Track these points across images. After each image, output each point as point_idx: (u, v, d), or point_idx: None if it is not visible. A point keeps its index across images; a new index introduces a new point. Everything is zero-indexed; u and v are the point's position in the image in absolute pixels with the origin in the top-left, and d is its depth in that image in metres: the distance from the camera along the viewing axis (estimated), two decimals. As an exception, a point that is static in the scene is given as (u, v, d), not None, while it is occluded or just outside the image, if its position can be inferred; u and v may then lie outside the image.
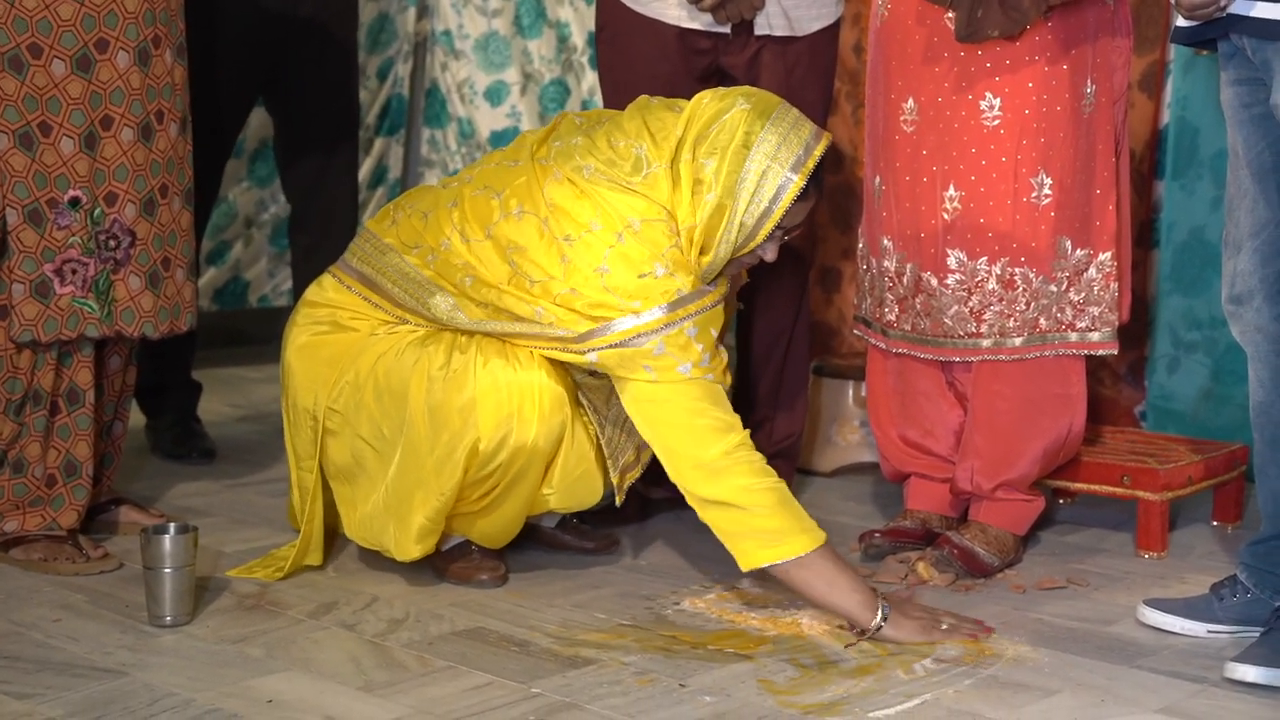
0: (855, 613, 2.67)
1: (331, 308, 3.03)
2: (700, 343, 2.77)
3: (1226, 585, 2.75)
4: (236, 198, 5.44)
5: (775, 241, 2.84)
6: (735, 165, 2.75)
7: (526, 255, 2.82)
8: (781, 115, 2.80)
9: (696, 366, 2.76)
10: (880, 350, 3.28)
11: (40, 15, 2.93)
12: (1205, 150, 3.87)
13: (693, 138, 2.80)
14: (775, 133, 2.77)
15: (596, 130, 2.92)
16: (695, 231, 2.80)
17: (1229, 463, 3.45)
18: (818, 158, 2.77)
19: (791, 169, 2.75)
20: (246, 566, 3.07)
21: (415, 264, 2.93)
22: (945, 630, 2.68)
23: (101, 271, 3.03)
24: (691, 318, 2.77)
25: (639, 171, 2.82)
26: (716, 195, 2.76)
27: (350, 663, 2.55)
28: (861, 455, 4.00)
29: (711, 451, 2.73)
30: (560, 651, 2.62)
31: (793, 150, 2.76)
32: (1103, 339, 3.07)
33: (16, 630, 2.68)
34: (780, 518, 2.69)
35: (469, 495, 2.90)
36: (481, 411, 2.81)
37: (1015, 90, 2.99)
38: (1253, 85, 2.59)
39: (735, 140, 2.76)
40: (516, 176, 2.90)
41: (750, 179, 2.75)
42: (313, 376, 2.98)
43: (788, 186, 2.75)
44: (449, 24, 5.74)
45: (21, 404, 3.06)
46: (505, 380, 2.82)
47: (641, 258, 2.76)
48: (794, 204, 2.77)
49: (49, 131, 2.97)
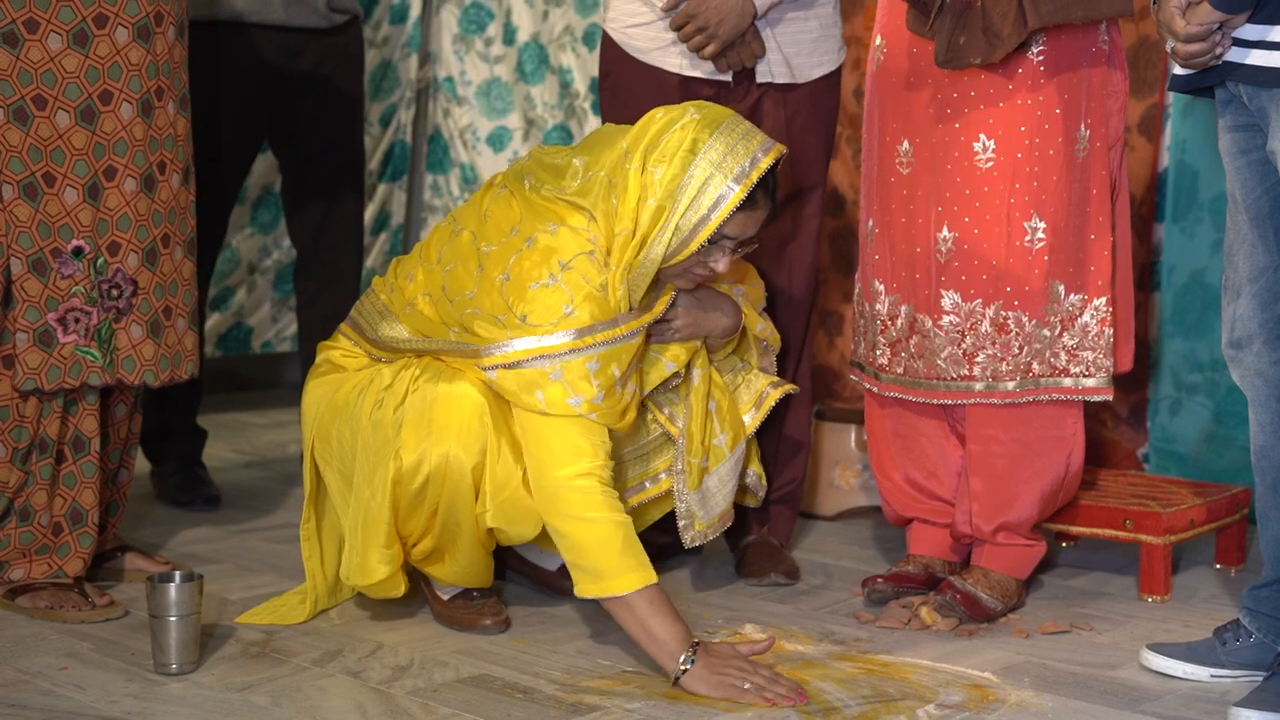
0: (659, 660, 2.69)
1: (330, 350, 3.11)
2: (598, 379, 2.78)
3: (1230, 629, 2.75)
4: (240, 244, 5.46)
5: (725, 253, 2.84)
6: (679, 170, 2.77)
7: (454, 272, 2.89)
8: (731, 126, 2.82)
9: (588, 403, 2.78)
10: (876, 394, 3.29)
11: (45, 67, 2.96)
12: (1205, 193, 3.88)
13: (643, 147, 2.81)
14: (723, 142, 2.78)
15: (556, 151, 2.98)
16: (633, 237, 2.80)
17: (1231, 506, 3.45)
18: (764, 169, 2.78)
19: (735, 179, 2.76)
20: (255, 611, 3.08)
21: (384, 300, 3.04)
22: (746, 690, 2.60)
23: (104, 320, 3.05)
24: (596, 349, 2.78)
25: (575, 178, 2.87)
26: (658, 199, 2.78)
27: (355, 710, 2.55)
28: (864, 499, 4.00)
29: (557, 473, 2.76)
30: (564, 698, 2.62)
31: (738, 160, 2.77)
32: (1097, 384, 3.07)
33: (23, 678, 2.69)
34: (604, 557, 2.72)
35: (414, 523, 2.91)
36: (407, 424, 2.85)
37: (1008, 133, 3.01)
38: (1250, 131, 2.61)
39: (682, 147, 2.78)
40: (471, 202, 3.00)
41: (692, 185, 2.76)
42: (310, 415, 3.04)
43: (728, 196, 2.76)
44: (451, 71, 5.77)
45: (28, 452, 3.07)
46: (430, 395, 2.85)
47: (539, 267, 2.79)
48: (737, 214, 2.78)
49: (53, 182, 2.99)
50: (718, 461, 3.06)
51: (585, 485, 2.75)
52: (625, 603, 2.69)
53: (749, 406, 3.15)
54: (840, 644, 2.93)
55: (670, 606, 2.72)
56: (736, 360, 3.18)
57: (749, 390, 3.17)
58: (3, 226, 2.96)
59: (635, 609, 2.69)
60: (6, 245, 2.97)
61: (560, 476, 2.76)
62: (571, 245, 2.80)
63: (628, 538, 2.74)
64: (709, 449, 3.05)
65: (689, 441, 3.01)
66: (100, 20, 3.00)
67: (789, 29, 3.31)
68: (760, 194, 2.80)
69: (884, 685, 2.69)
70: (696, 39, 3.23)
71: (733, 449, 3.08)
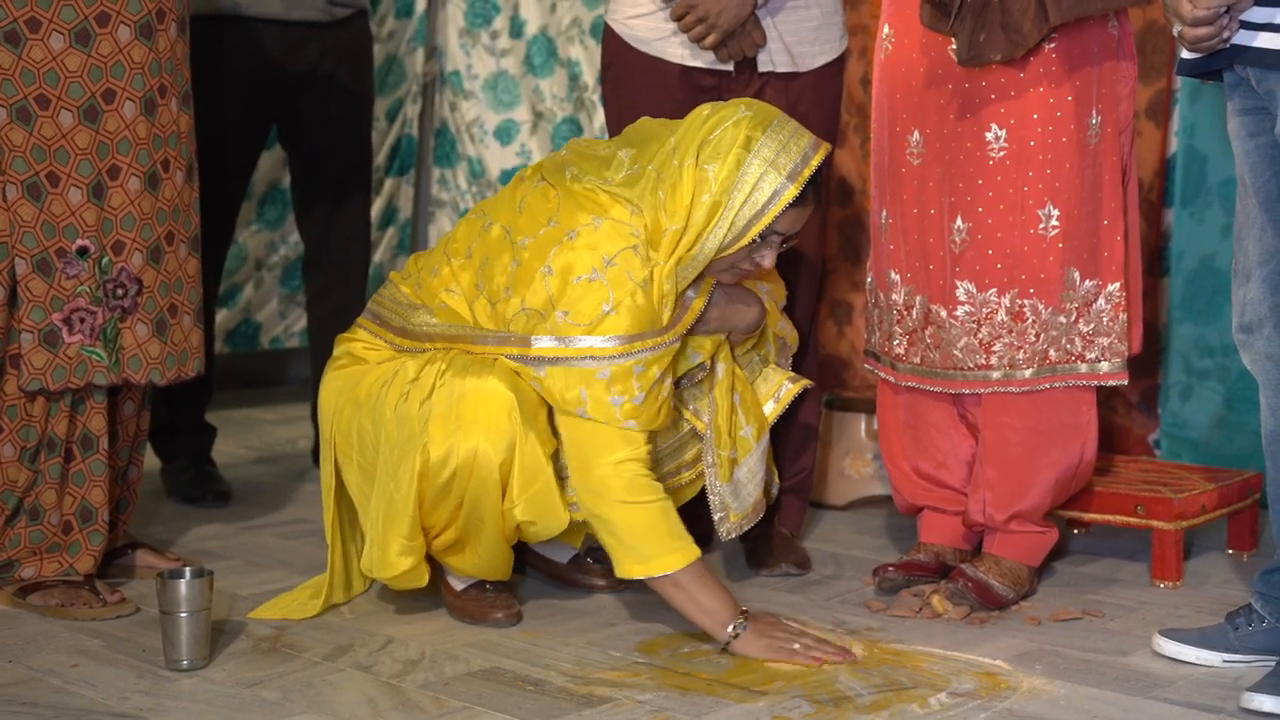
0: (710, 630, 2.81)
1: (350, 342, 3.10)
2: (639, 381, 2.81)
3: (1242, 614, 2.74)
4: (247, 240, 5.46)
5: (772, 248, 2.90)
6: (734, 166, 2.81)
7: (489, 269, 2.89)
8: (781, 124, 2.87)
9: (629, 403, 2.80)
10: (890, 384, 3.28)
11: (48, 66, 2.96)
12: (1214, 178, 3.87)
13: (697, 143, 2.83)
14: (775, 140, 2.83)
15: (596, 143, 2.99)
16: (683, 234, 2.82)
17: (1243, 490, 3.44)
18: (815, 166, 2.83)
19: (788, 176, 2.81)
20: (266, 607, 3.09)
21: (407, 292, 3.04)
22: (795, 650, 2.75)
23: (109, 320, 3.05)
24: (644, 355, 2.81)
25: (620, 170, 2.88)
26: (713, 194, 2.81)
27: (366, 704, 2.55)
28: (874, 488, 4.00)
29: (602, 460, 2.81)
30: (575, 690, 2.62)
31: (791, 158, 2.82)
32: (1112, 369, 3.07)
33: (34, 676, 2.69)
34: (652, 539, 2.81)
35: (439, 515, 2.90)
36: (434, 418, 2.85)
37: (1021, 121, 3.00)
38: (1258, 115, 2.60)
39: (736, 144, 2.81)
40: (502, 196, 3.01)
41: (748, 181, 2.80)
42: (329, 409, 3.04)
43: (782, 192, 2.80)
44: (457, 65, 5.77)
45: (36, 451, 3.07)
46: (459, 389, 2.85)
47: (583, 262, 2.80)
48: (789, 210, 2.83)
49: (57, 182, 2.99)
50: (746, 452, 3.07)
51: (631, 470, 2.81)
52: (673, 580, 2.80)
53: (767, 398, 3.17)
54: (852, 633, 2.93)
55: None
56: (754, 356, 3.18)
57: (766, 384, 3.18)
58: (7, 226, 2.96)
59: (683, 584, 2.81)
60: (11, 245, 2.97)
61: (606, 464, 2.81)
62: (616, 240, 2.81)
63: (672, 517, 2.84)
64: (736, 440, 3.06)
65: (717, 435, 3.02)
66: (102, 19, 2.99)
67: (790, 18, 3.31)
68: (810, 191, 2.85)
69: (896, 674, 2.68)
70: (697, 29, 3.22)
71: (759, 439, 3.10)
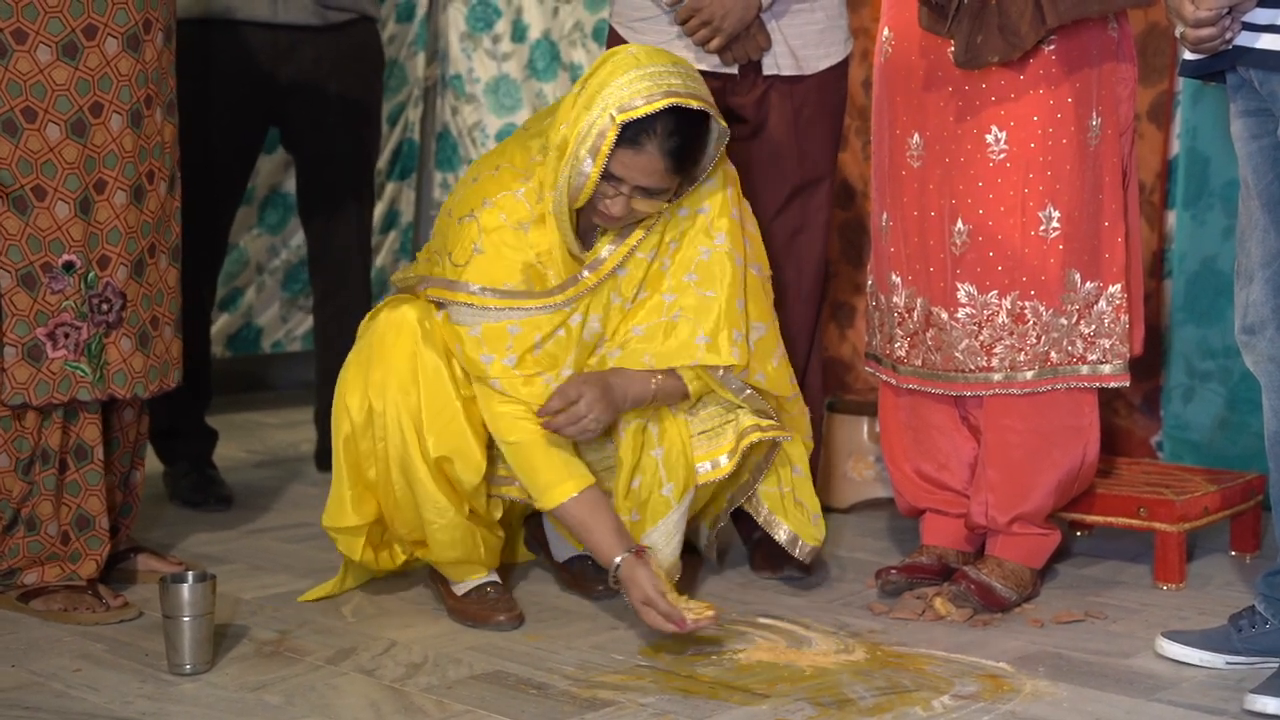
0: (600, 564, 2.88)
1: None
2: (513, 343, 2.87)
3: (1245, 616, 2.74)
4: (247, 244, 5.46)
5: (618, 197, 2.80)
6: (587, 102, 2.78)
7: None
8: (655, 71, 2.77)
9: (500, 363, 2.86)
10: (891, 386, 3.28)
11: (34, 79, 2.93)
12: (1216, 180, 3.87)
13: (584, 78, 2.85)
14: (631, 80, 2.75)
15: None
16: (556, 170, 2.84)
17: (1245, 492, 3.44)
18: (643, 113, 2.72)
19: (618, 109, 2.73)
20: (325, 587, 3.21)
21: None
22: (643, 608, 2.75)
23: (94, 335, 3.03)
24: (518, 314, 2.86)
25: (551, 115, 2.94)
26: (569, 125, 2.80)
27: (369, 708, 2.55)
28: (877, 491, 3.99)
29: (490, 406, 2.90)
30: (578, 693, 2.62)
31: (630, 98, 2.73)
32: (1114, 371, 3.07)
33: (37, 681, 2.69)
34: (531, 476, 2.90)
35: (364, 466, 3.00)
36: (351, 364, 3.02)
37: (1020, 124, 3.00)
38: (1261, 116, 2.60)
39: (600, 80, 2.79)
40: None
41: (591, 117, 2.76)
42: None
43: (606, 130, 2.73)
44: (459, 68, 5.77)
45: (30, 463, 3.05)
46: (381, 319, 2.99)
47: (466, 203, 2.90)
48: (621, 152, 2.75)
49: (43, 195, 2.96)
50: (660, 515, 3.00)
51: (511, 411, 2.88)
52: (562, 510, 2.88)
53: (726, 449, 3.02)
54: (855, 635, 2.93)
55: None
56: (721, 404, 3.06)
57: (734, 430, 3.03)
58: (-10, 240, 2.95)
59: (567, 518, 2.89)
60: (-5, 260, 2.95)
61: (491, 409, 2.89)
62: (504, 182, 2.88)
63: (551, 454, 2.88)
64: (644, 503, 3.00)
65: (615, 497, 3.00)
66: (90, 31, 2.97)
67: (794, 21, 3.31)
68: (647, 140, 2.75)
69: (899, 676, 2.68)
70: (702, 32, 3.22)
71: (680, 499, 3.00)
